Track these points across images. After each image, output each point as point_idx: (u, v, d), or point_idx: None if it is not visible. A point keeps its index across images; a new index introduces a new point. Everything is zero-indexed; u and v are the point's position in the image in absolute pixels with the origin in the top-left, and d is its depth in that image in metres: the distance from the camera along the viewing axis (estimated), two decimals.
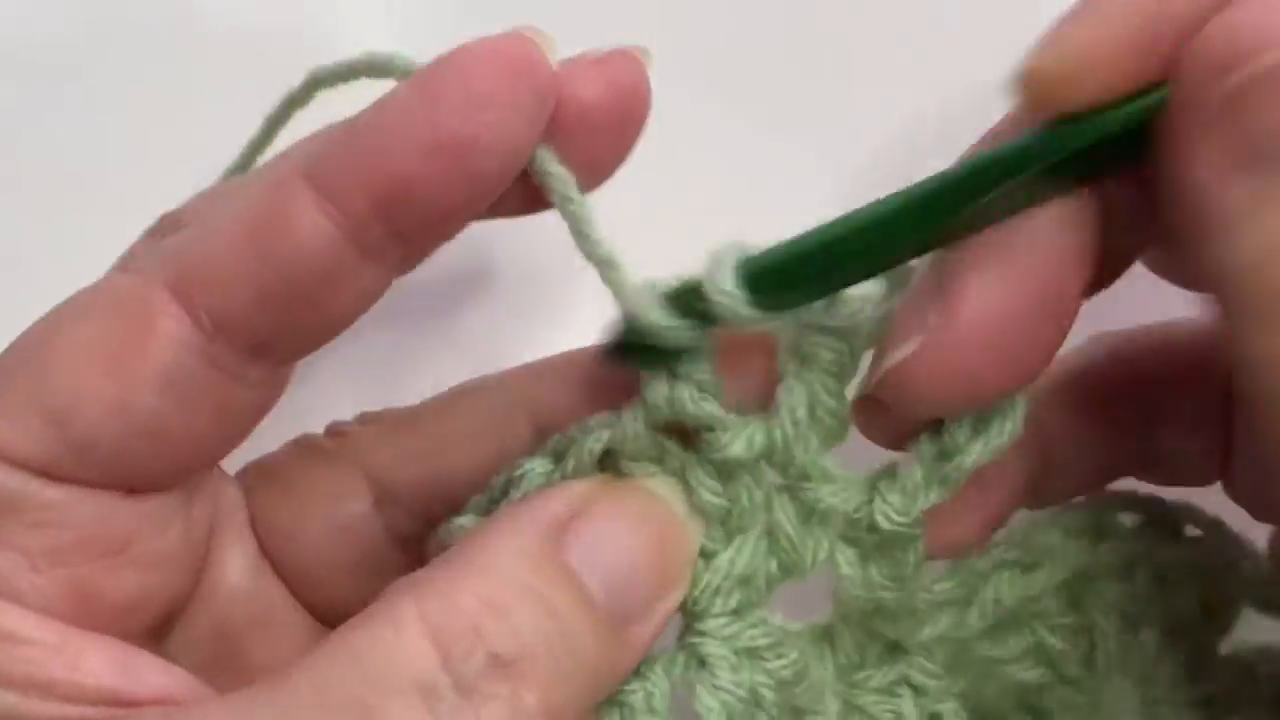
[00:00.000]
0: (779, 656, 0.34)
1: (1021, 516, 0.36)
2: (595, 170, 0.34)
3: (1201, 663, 0.37)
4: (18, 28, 0.49)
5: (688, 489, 0.33)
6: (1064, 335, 0.32)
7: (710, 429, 0.32)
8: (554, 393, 0.36)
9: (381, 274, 0.33)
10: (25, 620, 0.31)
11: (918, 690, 0.36)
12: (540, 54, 0.32)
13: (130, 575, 0.33)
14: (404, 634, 0.29)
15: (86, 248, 0.35)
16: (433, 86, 0.31)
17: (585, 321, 0.33)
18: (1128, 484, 0.38)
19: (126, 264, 0.34)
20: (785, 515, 0.34)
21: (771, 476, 0.33)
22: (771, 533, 0.34)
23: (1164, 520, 0.37)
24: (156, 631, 0.34)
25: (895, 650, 0.36)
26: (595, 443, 0.33)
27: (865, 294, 0.31)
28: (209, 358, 0.32)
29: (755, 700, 0.33)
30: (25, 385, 0.31)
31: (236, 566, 0.36)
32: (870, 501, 0.34)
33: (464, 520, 0.34)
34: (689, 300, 0.30)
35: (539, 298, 0.46)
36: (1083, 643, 0.37)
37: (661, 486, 0.33)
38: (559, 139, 0.33)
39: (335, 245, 0.31)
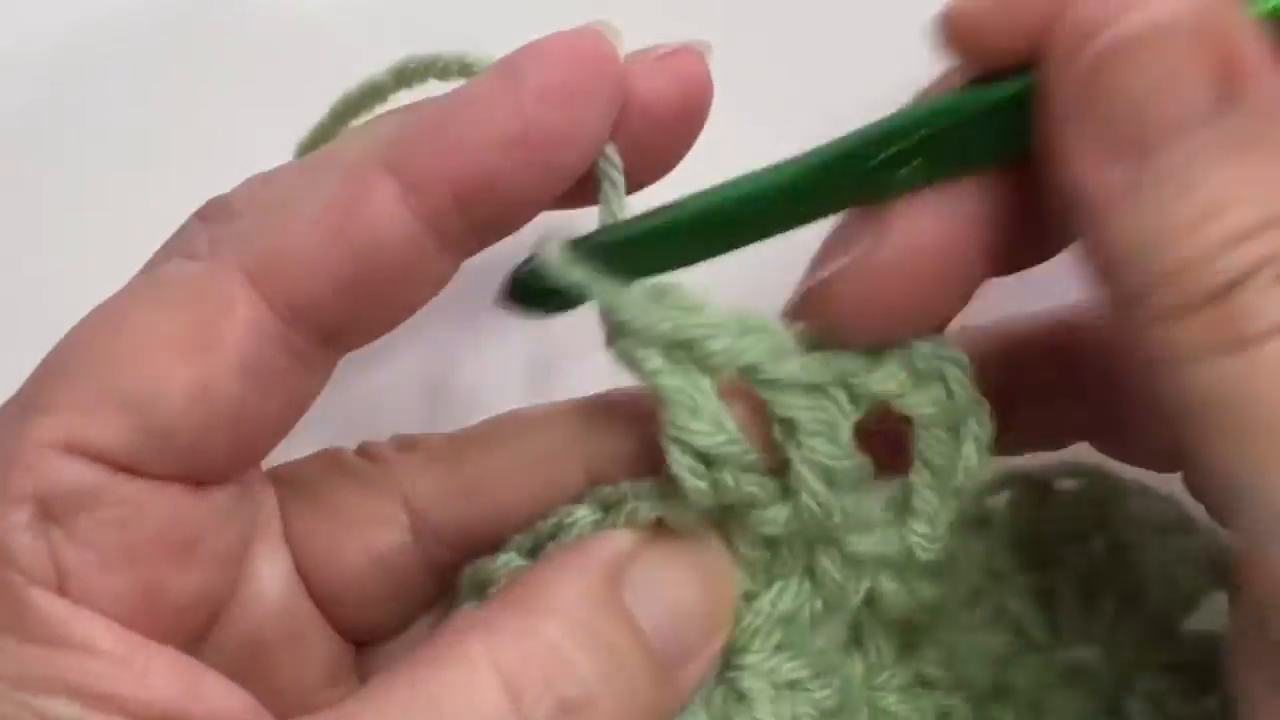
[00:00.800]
0: (823, 686, 0.35)
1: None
2: (657, 165, 0.34)
3: (1165, 631, 0.37)
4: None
5: (731, 546, 0.33)
6: (988, 274, 0.32)
7: (752, 507, 0.32)
8: (608, 437, 0.35)
9: (453, 263, 0.33)
10: (96, 627, 0.30)
11: (929, 685, 0.37)
12: (613, 48, 0.32)
13: (195, 575, 0.33)
14: (476, 677, 0.29)
15: (131, 229, 0.35)
16: (515, 78, 0.31)
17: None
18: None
19: (189, 250, 0.33)
20: (830, 562, 0.34)
21: (816, 534, 0.34)
22: (814, 574, 0.34)
23: (1110, 488, 0.38)
24: (200, 635, 0.34)
25: (909, 646, 0.37)
26: (646, 515, 0.33)
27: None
28: (286, 344, 0.32)
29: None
30: (100, 376, 0.31)
31: (273, 578, 0.35)
32: (903, 539, 0.34)
33: (505, 559, 0.34)
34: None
35: None
36: (1045, 605, 0.37)
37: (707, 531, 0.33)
38: (623, 133, 0.33)
39: (416, 236, 0.32)
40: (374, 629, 0.37)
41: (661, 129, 0.33)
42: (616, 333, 0.32)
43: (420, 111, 0.33)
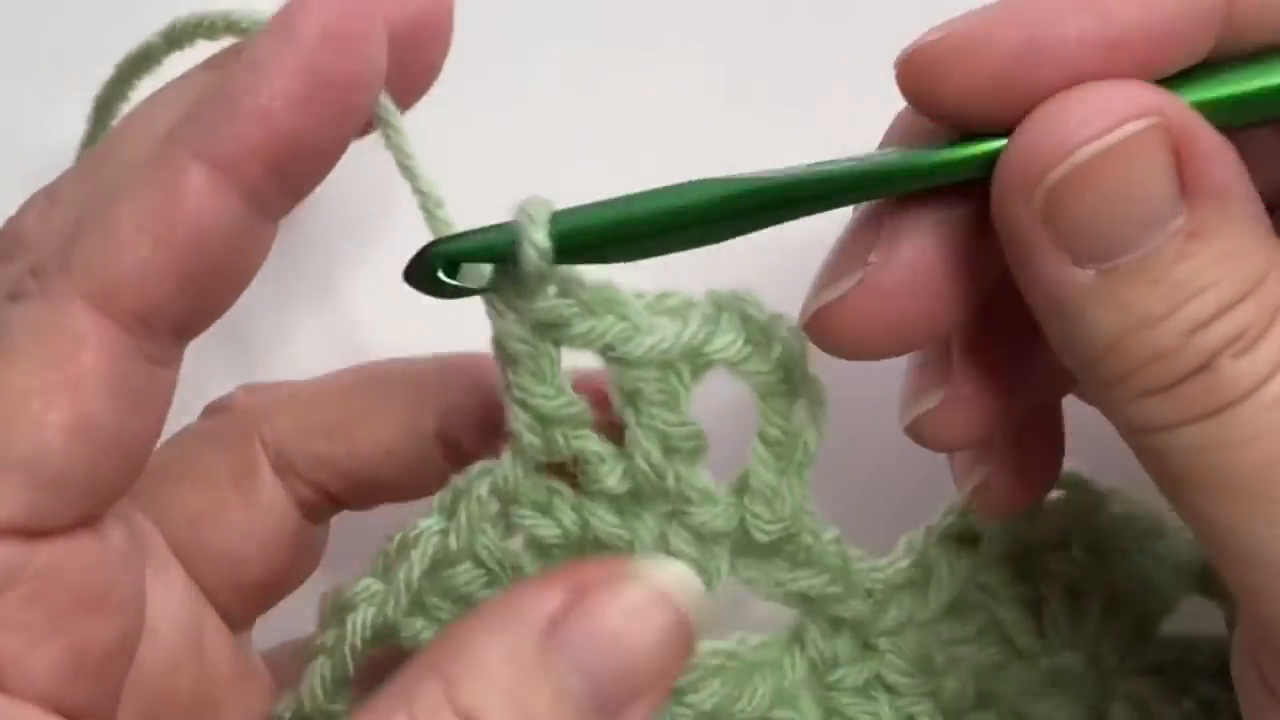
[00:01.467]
0: (696, 690, 0.35)
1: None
2: (414, 88, 0.35)
3: (1144, 634, 0.38)
4: None
5: (585, 526, 0.34)
6: (992, 282, 0.33)
7: (588, 462, 0.33)
8: (462, 395, 0.37)
9: (274, 226, 0.33)
10: None
11: (892, 691, 0.37)
12: None
13: (113, 623, 0.32)
14: None
15: None
16: (291, 34, 0.31)
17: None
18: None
19: (18, 291, 0.32)
20: (682, 542, 0.34)
21: (661, 506, 0.34)
22: (670, 552, 0.34)
23: (1090, 498, 0.38)
24: (122, 680, 0.33)
25: (866, 648, 0.37)
26: (481, 490, 0.33)
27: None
28: (142, 355, 0.32)
29: None
30: None
31: (172, 596, 0.35)
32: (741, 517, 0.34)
33: (365, 583, 0.34)
34: (496, 242, 0.31)
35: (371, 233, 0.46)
36: (1032, 615, 0.38)
37: (660, 569, 0.32)
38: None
39: (239, 215, 0.32)
40: (280, 579, 0.38)
41: (417, 53, 0.34)
42: (499, 303, 0.32)
43: (211, 87, 0.33)
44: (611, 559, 0.33)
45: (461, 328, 0.35)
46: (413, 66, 0.34)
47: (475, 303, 0.33)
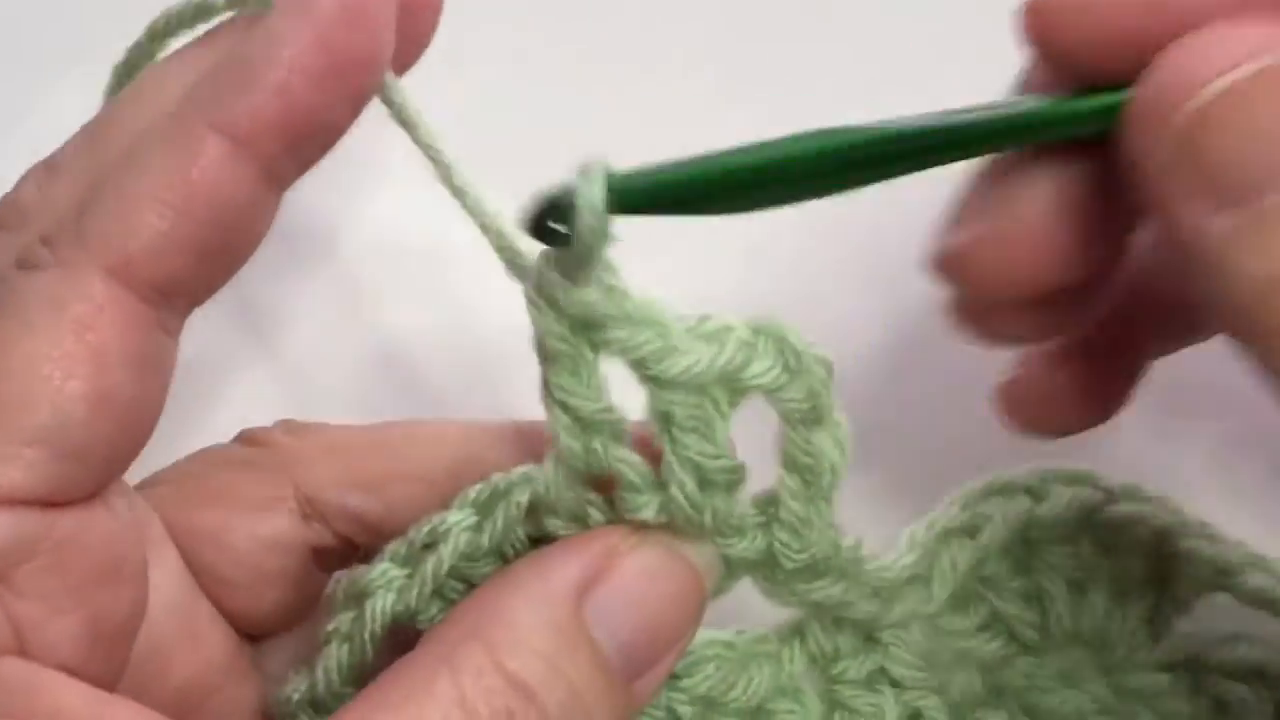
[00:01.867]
0: (691, 674, 0.35)
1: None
2: (408, 55, 0.35)
3: (1157, 632, 0.37)
4: None
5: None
6: (1128, 229, 0.32)
7: (625, 489, 0.32)
8: (513, 461, 0.35)
9: (279, 196, 0.33)
10: (62, 690, 0.30)
11: (897, 684, 0.37)
12: None
13: (125, 594, 0.32)
14: (443, 713, 0.29)
15: None
16: (313, 7, 0.32)
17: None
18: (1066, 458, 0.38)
19: (19, 260, 0.32)
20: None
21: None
22: None
23: (1099, 492, 0.37)
24: (127, 655, 0.33)
25: (869, 640, 0.37)
26: (520, 496, 0.33)
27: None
28: (157, 324, 0.32)
29: (674, 715, 0.35)
30: None
31: (166, 577, 0.35)
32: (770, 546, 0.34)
33: (381, 569, 0.34)
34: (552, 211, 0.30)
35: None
36: (1035, 608, 0.37)
37: (676, 538, 0.33)
38: None
39: (256, 188, 0.32)
40: (266, 618, 0.37)
41: (408, 22, 0.34)
42: (540, 297, 0.32)
43: (225, 58, 0.33)
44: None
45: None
46: (404, 36, 0.34)
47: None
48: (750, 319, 0.33)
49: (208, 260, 0.32)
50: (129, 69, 0.37)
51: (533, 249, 0.31)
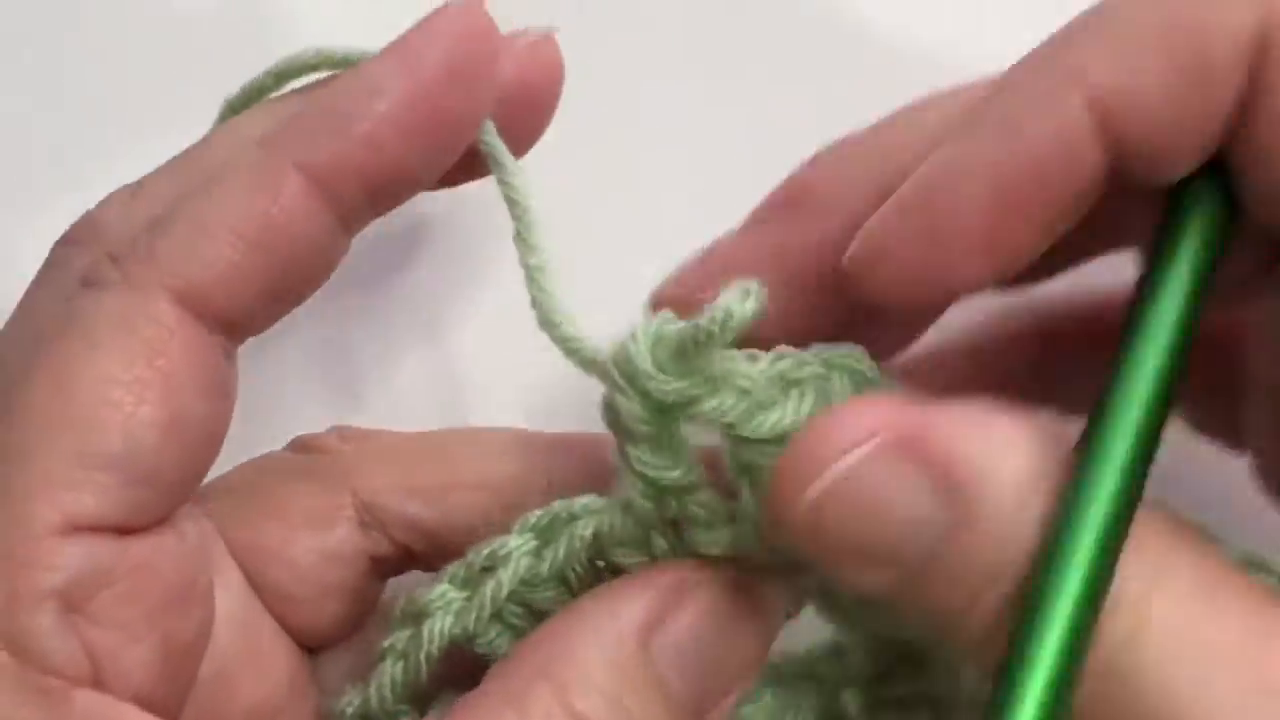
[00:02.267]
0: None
1: None
2: (521, 143, 0.35)
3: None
4: None
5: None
6: (1046, 242, 0.31)
7: (695, 527, 0.32)
8: (572, 475, 0.35)
9: (350, 239, 0.34)
10: None
11: (939, 706, 0.36)
12: (493, 24, 0.33)
13: (194, 617, 0.33)
14: None
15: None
16: (413, 61, 0.32)
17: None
18: None
19: (86, 278, 0.32)
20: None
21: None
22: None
23: None
24: (195, 676, 0.33)
25: (912, 662, 0.36)
26: (584, 529, 0.33)
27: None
28: (222, 351, 0.33)
29: None
30: (69, 444, 0.30)
31: (230, 597, 0.35)
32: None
33: (441, 590, 0.34)
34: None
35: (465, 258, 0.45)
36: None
37: (744, 572, 0.33)
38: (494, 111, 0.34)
39: (329, 229, 0.33)
40: (326, 631, 0.37)
41: (529, 109, 0.35)
42: (625, 382, 0.31)
43: (317, 102, 0.33)
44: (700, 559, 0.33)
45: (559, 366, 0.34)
46: (523, 119, 0.34)
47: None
48: (820, 350, 0.33)
49: (273, 295, 0.33)
50: (241, 105, 0.37)
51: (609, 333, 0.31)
